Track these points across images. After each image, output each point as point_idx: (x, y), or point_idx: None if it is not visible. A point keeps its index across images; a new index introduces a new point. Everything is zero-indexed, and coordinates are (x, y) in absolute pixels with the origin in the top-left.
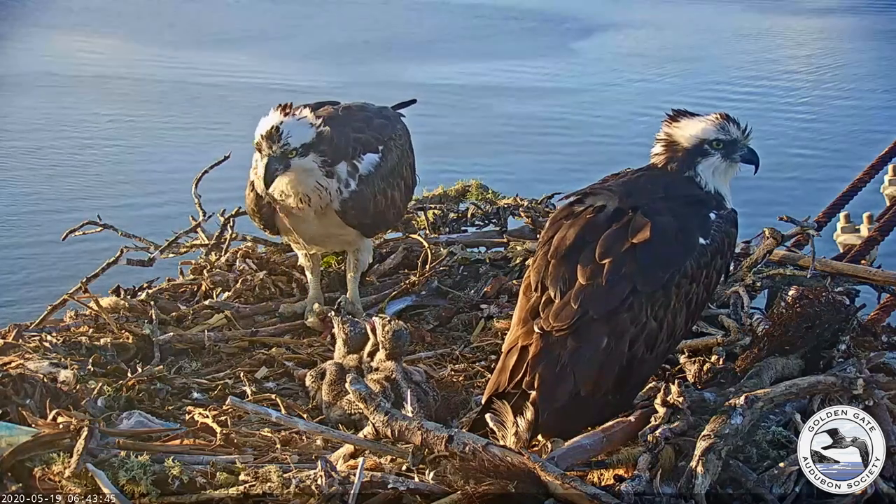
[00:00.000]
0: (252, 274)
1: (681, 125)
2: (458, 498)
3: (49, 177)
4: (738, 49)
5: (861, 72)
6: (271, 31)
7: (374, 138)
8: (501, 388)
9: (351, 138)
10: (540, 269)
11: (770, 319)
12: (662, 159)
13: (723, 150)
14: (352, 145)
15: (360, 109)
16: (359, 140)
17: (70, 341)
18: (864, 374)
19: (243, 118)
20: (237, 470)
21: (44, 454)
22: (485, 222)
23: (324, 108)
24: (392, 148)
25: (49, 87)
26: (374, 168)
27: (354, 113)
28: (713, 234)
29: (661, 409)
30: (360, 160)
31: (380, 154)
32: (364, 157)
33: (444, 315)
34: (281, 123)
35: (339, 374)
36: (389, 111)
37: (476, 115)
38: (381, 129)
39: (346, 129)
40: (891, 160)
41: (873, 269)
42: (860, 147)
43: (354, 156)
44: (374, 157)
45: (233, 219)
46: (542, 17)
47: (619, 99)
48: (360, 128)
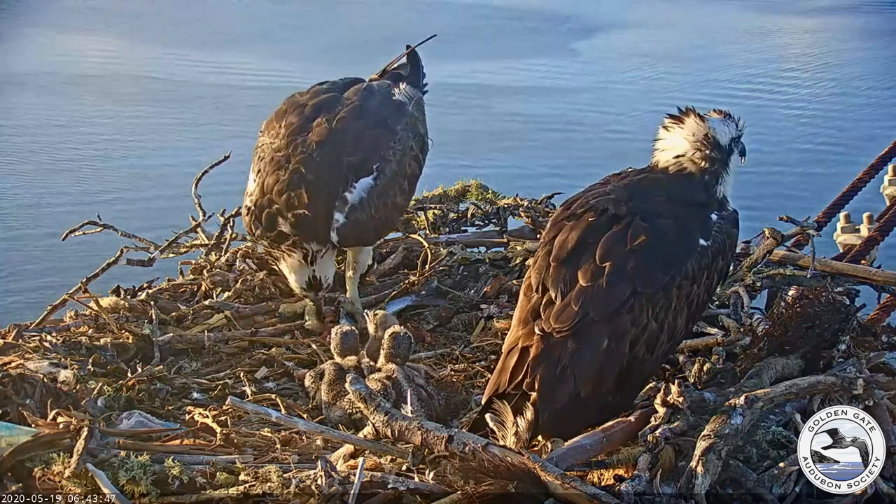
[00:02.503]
0: (252, 274)
1: (714, 124)
2: (458, 498)
3: (49, 176)
4: (738, 48)
5: (861, 71)
6: (272, 30)
7: (369, 158)
8: (501, 389)
9: (344, 166)
10: (541, 270)
11: (770, 319)
12: (700, 158)
13: (739, 147)
14: (343, 178)
15: (356, 117)
16: (350, 165)
17: (70, 341)
18: (864, 374)
19: (243, 118)
20: (237, 470)
21: (44, 454)
22: (485, 222)
23: (317, 123)
24: (389, 158)
25: (49, 87)
26: (367, 192)
27: (349, 125)
28: (714, 235)
29: (661, 409)
30: (350, 190)
31: (374, 174)
32: (356, 186)
33: (444, 315)
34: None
35: (338, 374)
36: (391, 104)
37: (476, 115)
38: (375, 143)
39: (340, 155)
40: (891, 160)
41: (873, 269)
42: (860, 147)
43: (346, 188)
44: (367, 182)
45: (233, 219)
46: (543, 16)
47: (619, 98)
48: (353, 147)
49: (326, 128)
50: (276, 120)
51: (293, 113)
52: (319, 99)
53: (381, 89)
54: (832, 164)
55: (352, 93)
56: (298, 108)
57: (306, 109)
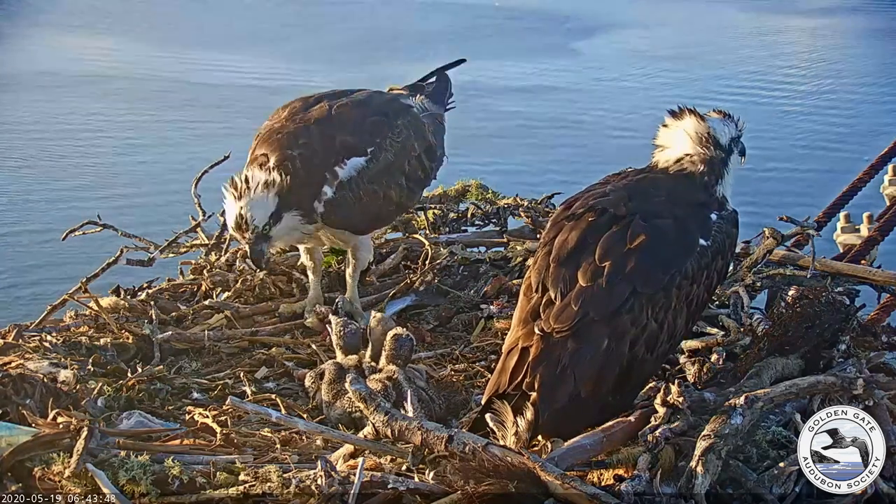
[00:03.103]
0: (252, 274)
1: (714, 124)
2: (458, 498)
3: (49, 176)
4: (738, 48)
5: (862, 71)
6: (272, 30)
7: (363, 140)
8: (501, 390)
9: (336, 144)
10: (541, 270)
11: (770, 319)
12: (700, 158)
13: (739, 147)
14: (335, 152)
15: (358, 106)
16: (344, 144)
17: (70, 341)
18: (864, 374)
19: (243, 118)
20: (237, 470)
21: (44, 454)
22: (485, 222)
23: (319, 106)
24: (386, 147)
25: (49, 87)
26: (357, 172)
27: (350, 111)
28: (714, 235)
29: (661, 409)
30: (342, 166)
31: (367, 156)
32: (347, 163)
33: (444, 315)
34: (242, 209)
35: (338, 373)
36: (397, 103)
37: (476, 115)
38: (373, 129)
39: (333, 133)
40: (891, 160)
41: (873, 269)
42: (860, 147)
43: (337, 163)
44: (358, 161)
45: None
46: (543, 16)
47: (619, 98)
48: (351, 129)
49: (326, 109)
50: (280, 110)
51: (296, 101)
52: (326, 91)
53: (392, 94)
54: (833, 163)
55: (361, 92)
56: (303, 99)
57: (311, 99)
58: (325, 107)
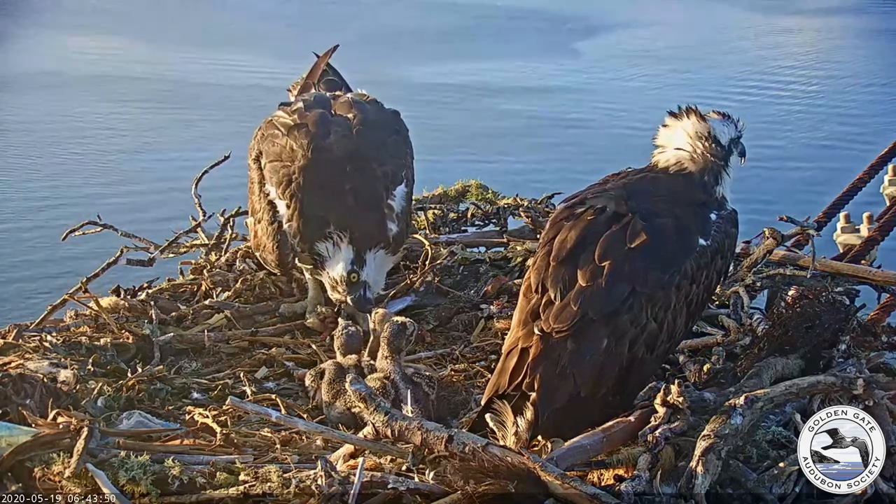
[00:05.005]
0: (252, 274)
1: (715, 124)
2: (458, 498)
3: (49, 176)
4: (739, 48)
5: (862, 71)
6: (272, 30)
7: (398, 165)
8: (501, 390)
9: (379, 177)
10: (540, 270)
11: (770, 319)
12: (700, 158)
13: (739, 148)
14: (384, 185)
15: (370, 128)
16: (386, 175)
17: (70, 341)
18: (864, 374)
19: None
20: (237, 470)
21: (44, 454)
22: (485, 222)
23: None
24: (410, 164)
25: (50, 87)
26: (405, 200)
27: (366, 136)
28: (713, 235)
29: (661, 409)
30: (392, 198)
31: (404, 181)
32: (395, 193)
33: (444, 315)
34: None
35: (338, 373)
36: (387, 112)
37: (477, 115)
38: (396, 149)
39: (372, 166)
40: (891, 160)
41: (873, 269)
42: (861, 147)
43: (388, 196)
44: (402, 190)
45: (233, 219)
46: (545, 16)
47: (620, 98)
48: (382, 158)
49: (343, 138)
50: (277, 140)
51: (299, 133)
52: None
53: (369, 100)
54: (833, 162)
55: (340, 107)
56: (302, 129)
57: (310, 127)
58: (342, 139)
